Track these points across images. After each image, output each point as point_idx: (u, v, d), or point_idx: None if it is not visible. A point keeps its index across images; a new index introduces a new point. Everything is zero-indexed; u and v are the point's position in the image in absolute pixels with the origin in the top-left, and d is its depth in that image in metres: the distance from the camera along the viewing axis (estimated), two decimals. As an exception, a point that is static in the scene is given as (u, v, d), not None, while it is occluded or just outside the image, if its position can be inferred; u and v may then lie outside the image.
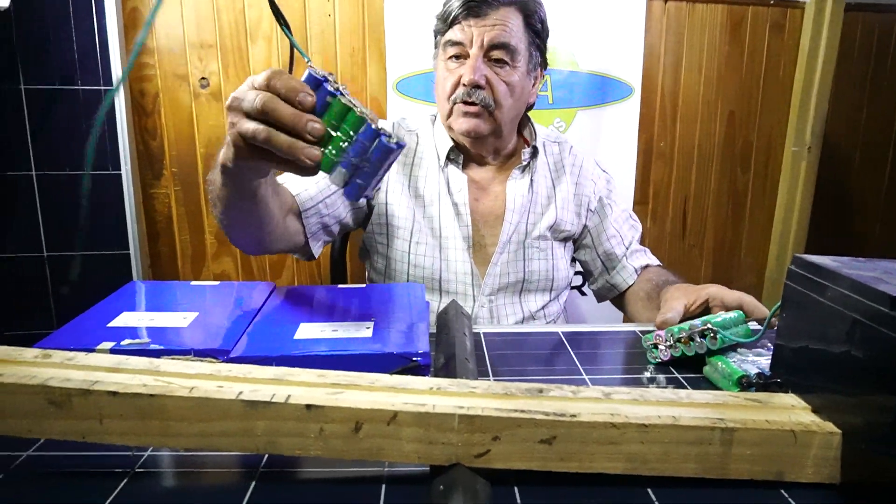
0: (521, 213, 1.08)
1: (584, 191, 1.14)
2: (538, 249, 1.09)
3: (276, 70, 0.58)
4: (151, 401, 0.45)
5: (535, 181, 1.10)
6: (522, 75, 1.03)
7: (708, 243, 1.98)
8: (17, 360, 0.50)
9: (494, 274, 1.07)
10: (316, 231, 0.99)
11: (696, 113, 1.87)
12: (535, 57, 1.05)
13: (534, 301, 1.09)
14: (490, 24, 0.99)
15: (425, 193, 1.08)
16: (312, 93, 0.57)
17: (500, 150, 1.11)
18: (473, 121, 1.02)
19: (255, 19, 1.61)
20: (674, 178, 1.92)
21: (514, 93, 1.03)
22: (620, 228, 1.14)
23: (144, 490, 0.48)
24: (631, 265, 1.12)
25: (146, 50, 1.58)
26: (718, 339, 0.70)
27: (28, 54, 1.42)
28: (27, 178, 1.46)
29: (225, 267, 1.72)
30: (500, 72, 1.01)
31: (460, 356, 0.65)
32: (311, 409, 0.45)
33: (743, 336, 0.73)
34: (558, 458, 0.46)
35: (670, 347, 0.73)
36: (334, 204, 1.00)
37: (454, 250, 1.06)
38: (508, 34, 0.99)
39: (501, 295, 1.08)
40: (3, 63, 1.41)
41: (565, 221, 1.11)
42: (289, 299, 0.78)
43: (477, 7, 0.99)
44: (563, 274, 1.12)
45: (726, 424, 0.46)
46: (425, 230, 1.07)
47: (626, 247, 1.13)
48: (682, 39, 1.82)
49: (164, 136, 1.63)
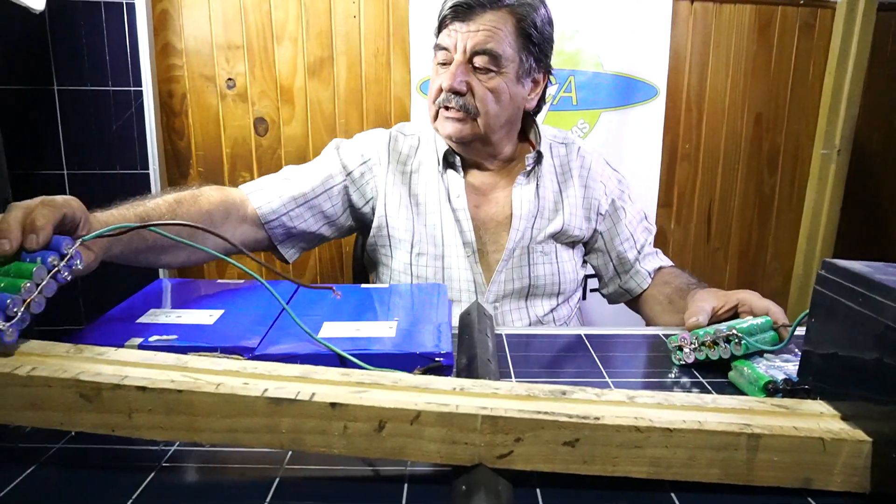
0: (528, 220, 1.06)
1: (593, 194, 1.11)
2: (542, 254, 1.07)
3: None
4: (179, 396, 0.46)
5: (541, 186, 1.08)
6: (511, 81, 1.00)
7: (733, 247, 1.95)
8: (50, 354, 0.51)
9: (499, 281, 1.05)
10: (283, 239, 1.04)
11: (722, 115, 1.85)
12: (526, 62, 1.01)
13: (540, 306, 1.08)
14: (475, 30, 0.97)
15: (425, 201, 1.07)
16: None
17: (496, 156, 1.09)
18: (456, 125, 1.00)
19: (281, 21, 1.63)
20: (699, 181, 1.89)
21: (500, 99, 1.00)
22: (634, 231, 1.12)
23: (171, 483, 0.49)
24: (644, 269, 1.11)
25: (175, 52, 1.61)
26: (743, 344, 0.69)
27: (61, 56, 1.45)
28: (58, 177, 1.49)
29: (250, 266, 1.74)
30: (482, 78, 0.98)
31: (482, 357, 0.65)
32: (335, 407, 0.45)
33: (769, 343, 0.72)
34: (581, 460, 0.46)
35: (695, 350, 0.73)
36: (300, 217, 1.03)
37: (456, 258, 1.05)
38: (494, 40, 0.97)
39: (507, 301, 1.06)
40: (37, 65, 1.44)
41: (573, 227, 1.08)
42: (313, 298, 0.79)
43: (464, 12, 0.97)
44: (570, 277, 1.09)
45: (753, 430, 0.45)
46: (426, 240, 1.06)
47: (638, 250, 1.12)
48: (709, 40, 1.79)
49: (191, 136, 1.66)
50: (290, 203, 1.01)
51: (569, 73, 1.69)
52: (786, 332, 0.74)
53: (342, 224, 1.09)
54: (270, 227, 1.00)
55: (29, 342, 0.53)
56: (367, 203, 1.08)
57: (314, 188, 1.04)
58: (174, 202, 0.83)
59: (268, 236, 1.01)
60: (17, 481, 0.48)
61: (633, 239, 1.12)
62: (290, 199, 1.01)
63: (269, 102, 1.66)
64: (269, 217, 1.00)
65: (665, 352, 0.78)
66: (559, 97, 1.70)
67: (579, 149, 1.14)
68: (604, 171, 1.14)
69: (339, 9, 1.64)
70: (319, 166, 1.07)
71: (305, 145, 1.69)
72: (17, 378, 0.46)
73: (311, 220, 1.04)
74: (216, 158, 1.68)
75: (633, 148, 1.74)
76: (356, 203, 1.08)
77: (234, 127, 1.67)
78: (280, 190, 1.01)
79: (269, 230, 1.01)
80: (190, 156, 1.67)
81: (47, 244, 0.55)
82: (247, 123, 1.67)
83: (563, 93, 1.70)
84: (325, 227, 1.07)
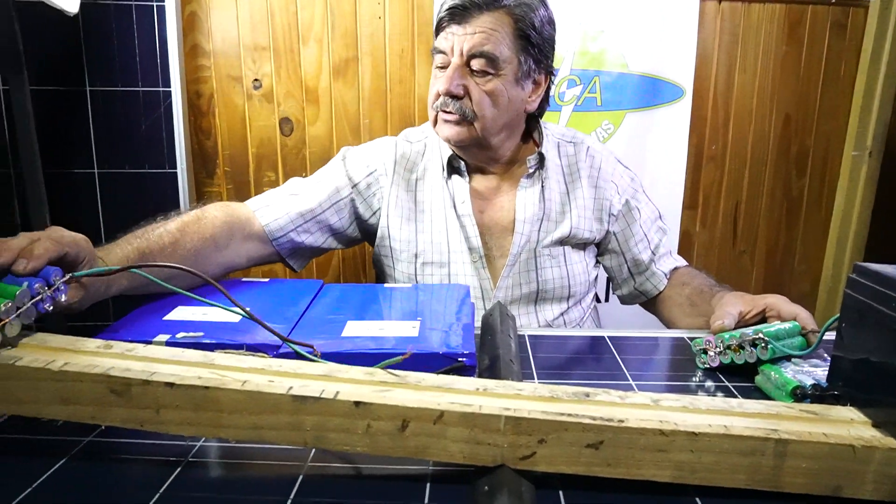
0: (532, 224, 1.05)
1: (604, 195, 1.08)
2: (550, 258, 1.05)
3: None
4: (206, 393, 0.47)
5: (546, 188, 1.06)
6: (510, 83, 0.99)
7: (760, 249, 1.92)
8: (81, 350, 0.52)
9: (506, 286, 1.04)
10: (291, 253, 1.05)
11: (749, 116, 1.82)
12: (525, 64, 0.99)
13: (550, 310, 1.06)
14: (471, 32, 0.95)
15: (430, 209, 1.06)
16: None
17: (497, 159, 1.07)
18: (454, 128, 0.99)
19: (308, 22, 1.64)
20: (725, 183, 1.87)
21: (498, 102, 0.98)
22: (648, 232, 1.10)
23: (197, 478, 0.49)
24: (660, 270, 1.09)
25: (203, 52, 1.63)
26: (770, 349, 0.68)
27: (93, 57, 1.48)
28: (89, 176, 1.52)
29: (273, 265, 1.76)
30: (480, 81, 0.97)
31: (505, 358, 0.65)
32: (359, 405, 0.46)
33: (796, 348, 0.70)
34: (605, 463, 0.45)
35: (720, 354, 0.72)
36: (307, 232, 1.03)
37: (462, 265, 1.04)
38: (490, 42, 0.95)
39: (515, 306, 1.05)
40: (71, 66, 1.47)
41: (583, 229, 1.06)
42: (336, 297, 0.80)
43: (460, 14, 0.96)
44: (580, 280, 1.07)
45: (780, 436, 0.44)
46: (430, 249, 1.05)
47: (652, 251, 1.10)
48: (737, 40, 1.77)
49: (218, 136, 1.68)
50: (297, 219, 1.01)
51: (594, 74, 1.68)
52: (814, 338, 0.73)
53: (349, 236, 1.09)
54: (278, 242, 1.01)
55: (59, 337, 0.54)
56: (373, 214, 1.08)
57: (321, 203, 1.04)
58: (177, 232, 0.83)
59: (276, 251, 1.02)
60: (49, 472, 0.49)
61: (647, 240, 1.10)
62: (297, 216, 1.01)
63: (294, 103, 1.68)
64: (277, 234, 1.00)
65: (689, 355, 0.77)
66: (583, 98, 1.69)
67: (588, 148, 1.11)
68: (615, 171, 1.11)
69: (365, 10, 1.65)
70: (326, 179, 1.07)
71: (330, 145, 1.70)
72: (50, 373, 0.48)
73: (318, 235, 1.05)
74: (242, 158, 1.70)
75: (658, 149, 1.73)
76: (363, 215, 1.08)
77: (260, 127, 1.69)
78: (287, 206, 1.01)
79: (277, 246, 1.01)
80: (216, 155, 1.69)
81: (35, 272, 0.56)
82: (272, 123, 1.68)
83: (587, 93, 1.69)
84: (332, 240, 1.08)
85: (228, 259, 0.93)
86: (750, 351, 0.69)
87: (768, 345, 0.68)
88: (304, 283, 0.85)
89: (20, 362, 0.48)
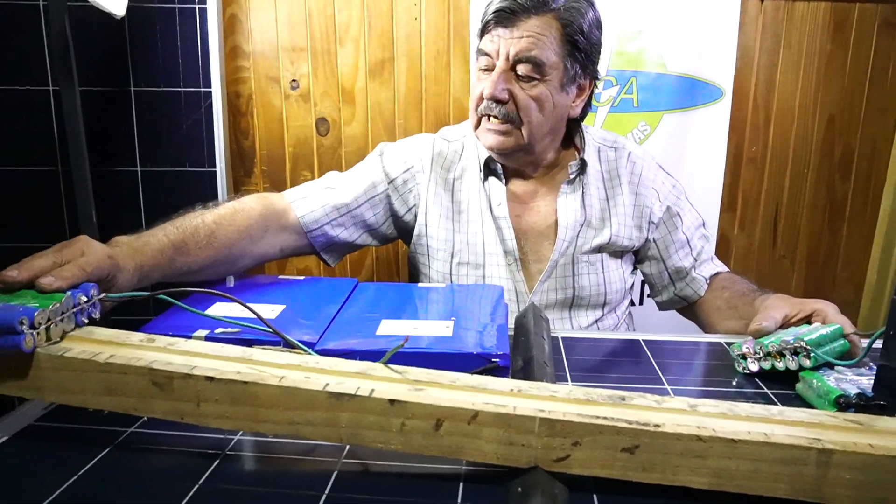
0: (573, 230, 1.03)
1: (644, 202, 1.06)
2: (588, 264, 1.03)
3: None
4: (245, 387, 0.48)
5: (587, 195, 1.05)
6: (555, 89, 0.97)
7: (801, 254, 1.87)
8: (125, 343, 0.54)
9: (542, 291, 1.03)
10: (325, 247, 1.05)
11: (791, 117, 1.78)
12: (571, 69, 0.98)
13: (584, 317, 1.05)
14: (518, 36, 0.93)
15: (467, 209, 1.06)
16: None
17: (537, 164, 1.06)
18: (499, 137, 0.98)
19: (345, 23, 1.66)
20: (765, 186, 1.83)
21: (544, 107, 0.97)
22: (691, 238, 1.08)
23: (234, 471, 0.50)
24: (701, 276, 1.07)
25: (242, 54, 1.66)
26: (812, 357, 0.66)
27: (138, 58, 1.52)
28: (132, 174, 1.56)
29: (308, 263, 1.78)
30: (525, 86, 0.95)
31: (538, 359, 0.64)
32: (394, 403, 0.46)
33: (839, 355, 0.68)
34: (640, 467, 0.45)
35: (760, 360, 0.70)
36: (342, 226, 1.04)
37: (496, 267, 1.04)
38: (538, 47, 0.93)
39: (549, 311, 1.04)
40: (116, 67, 1.52)
41: (622, 237, 1.05)
42: (371, 295, 0.80)
43: (507, 17, 0.94)
44: (616, 287, 1.06)
45: (823, 445, 0.43)
46: (466, 249, 1.05)
47: (694, 258, 1.08)
48: (780, 40, 1.73)
49: (256, 136, 1.71)
50: (332, 213, 1.02)
51: (631, 75, 1.66)
52: (857, 339, 0.70)
53: (384, 232, 1.09)
54: (312, 235, 1.02)
55: (104, 330, 0.56)
56: (408, 211, 1.08)
57: (356, 198, 1.04)
58: (213, 224, 0.85)
59: (310, 243, 1.03)
60: (93, 461, 0.50)
61: (689, 246, 1.08)
62: (332, 209, 1.02)
63: (330, 103, 1.70)
64: (312, 226, 1.01)
65: (726, 360, 0.76)
66: (620, 99, 1.68)
67: (630, 154, 1.09)
68: (656, 177, 1.09)
69: (401, 11, 1.66)
70: (362, 174, 1.07)
71: (365, 145, 1.71)
72: (97, 364, 0.49)
73: (352, 230, 1.05)
74: (279, 157, 1.73)
75: (695, 151, 1.70)
76: (398, 211, 1.08)
77: (297, 127, 1.71)
78: (323, 199, 1.02)
79: (311, 238, 1.02)
80: (254, 154, 1.72)
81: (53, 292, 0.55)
82: (309, 123, 1.71)
83: (624, 94, 1.67)
84: (367, 236, 1.08)
85: (262, 250, 0.94)
86: (791, 359, 0.67)
87: (811, 353, 0.66)
88: (339, 281, 0.86)
89: (68, 353, 0.50)
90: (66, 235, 1.56)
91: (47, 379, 0.50)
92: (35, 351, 0.50)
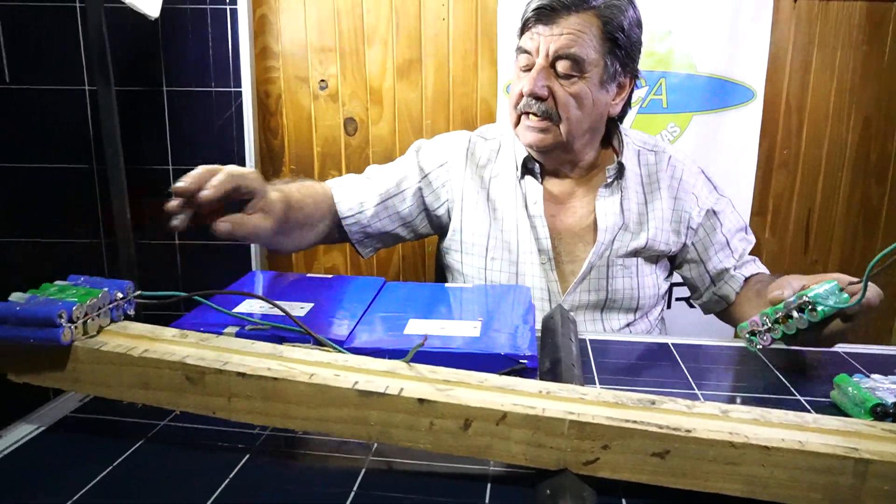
0: (612, 233, 1.02)
1: (683, 206, 1.05)
2: (623, 268, 1.02)
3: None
4: (275, 384, 0.48)
5: (625, 199, 1.04)
6: (595, 86, 0.97)
7: (833, 259, 1.84)
8: (159, 338, 0.55)
9: (575, 292, 1.03)
10: (360, 238, 1.07)
11: (825, 119, 1.74)
12: (611, 66, 0.98)
13: (616, 320, 1.04)
14: (558, 34, 0.94)
15: (502, 206, 1.05)
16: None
17: (576, 163, 1.06)
18: (538, 135, 0.98)
19: (373, 24, 1.67)
20: (797, 189, 1.79)
21: (583, 104, 0.97)
22: (731, 240, 1.07)
23: (264, 466, 0.51)
24: (740, 274, 1.05)
25: (272, 54, 1.68)
26: (819, 311, 0.65)
27: (170, 59, 1.55)
28: (164, 172, 1.59)
29: (335, 261, 1.80)
30: (565, 83, 0.96)
31: (566, 361, 0.64)
32: (422, 403, 0.46)
33: (844, 302, 0.67)
34: (671, 473, 0.44)
35: (769, 331, 0.69)
36: (376, 216, 1.05)
37: (530, 265, 1.03)
38: (577, 44, 0.94)
39: (581, 313, 1.03)
40: (150, 67, 1.55)
41: (659, 241, 1.04)
42: (398, 294, 0.81)
43: (547, 15, 0.94)
44: (649, 293, 1.05)
45: (861, 455, 0.42)
46: (500, 245, 1.04)
47: (736, 259, 1.06)
48: (814, 40, 1.70)
49: (285, 135, 1.73)
50: (366, 202, 1.04)
51: (660, 75, 1.64)
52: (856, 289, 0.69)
53: (417, 226, 1.10)
54: (347, 223, 1.03)
55: (139, 325, 0.57)
56: (441, 206, 1.09)
57: (388, 189, 1.06)
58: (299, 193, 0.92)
59: (345, 231, 1.04)
60: (127, 453, 0.51)
61: (729, 248, 1.06)
62: (366, 199, 1.04)
63: (358, 103, 1.71)
64: (346, 214, 1.03)
65: (758, 364, 0.74)
66: (649, 100, 1.66)
67: (670, 158, 1.09)
68: (696, 182, 1.08)
69: (429, 11, 1.66)
70: (397, 167, 1.09)
71: (392, 145, 1.72)
72: (132, 358, 0.50)
73: (386, 221, 1.06)
74: (307, 157, 1.74)
75: (725, 153, 1.67)
76: (430, 205, 1.09)
77: (325, 126, 1.73)
78: (359, 188, 1.04)
79: (346, 227, 1.04)
80: (283, 154, 1.74)
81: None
82: (337, 123, 1.72)
83: (652, 95, 1.66)
84: (401, 229, 1.09)
85: (318, 231, 0.99)
86: (798, 317, 0.66)
87: (817, 306, 0.65)
88: (367, 280, 0.86)
89: (105, 347, 0.51)
90: (99, 232, 1.59)
91: (84, 372, 0.51)
92: (73, 344, 0.51)
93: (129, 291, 0.59)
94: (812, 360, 0.78)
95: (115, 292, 0.57)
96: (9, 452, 0.51)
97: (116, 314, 0.57)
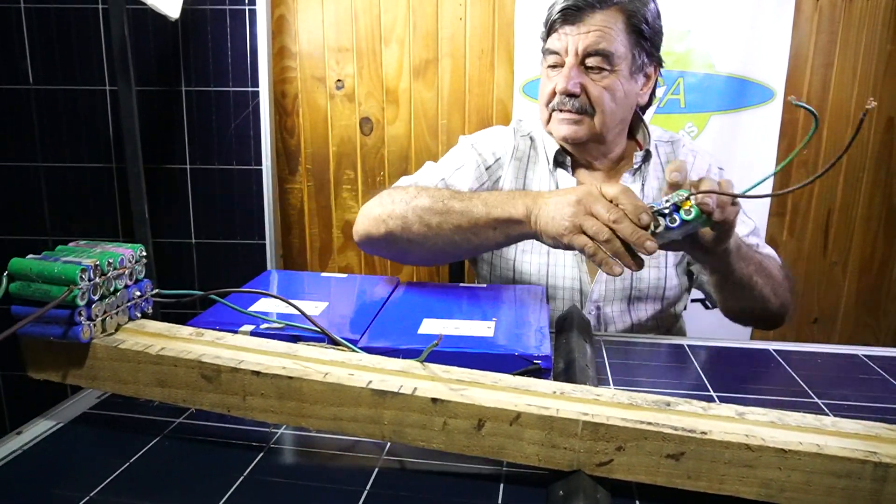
0: None
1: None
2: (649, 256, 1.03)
3: (625, 188, 0.71)
4: (290, 382, 0.49)
5: (647, 186, 1.06)
6: (625, 78, 1.00)
7: (853, 261, 1.81)
8: (175, 336, 0.55)
9: (602, 280, 1.04)
10: None
11: (847, 119, 1.72)
12: (639, 58, 1.01)
13: (643, 310, 1.05)
14: (585, 31, 0.96)
15: None
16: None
17: (607, 154, 1.07)
18: (571, 127, 1.00)
19: (390, 24, 1.67)
20: (816, 190, 1.77)
21: (615, 96, 0.99)
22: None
23: (278, 463, 0.51)
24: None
25: (290, 54, 1.69)
26: (692, 210, 0.68)
27: (190, 59, 1.56)
28: (182, 171, 1.61)
29: (349, 261, 1.80)
30: (596, 77, 0.98)
31: (580, 362, 0.64)
32: (436, 402, 0.46)
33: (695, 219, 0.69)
34: (685, 475, 0.44)
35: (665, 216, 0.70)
36: None
37: (562, 255, 1.04)
38: (605, 40, 0.96)
39: (609, 303, 1.05)
40: (170, 67, 1.56)
41: None
42: (412, 294, 0.81)
43: (573, 15, 0.97)
44: (674, 282, 1.06)
45: (880, 459, 0.42)
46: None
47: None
48: (836, 39, 1.67)
49: (302, 135, 1.74)
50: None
51: (678, 75, 1.63)
52: (699, 199, 0.69)
53: None
54: None
55: (156, 323, 0.57)
56: None
57: (471, 188, 1.05)
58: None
59: None
60: (144, 449, 0.52)
61: None
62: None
63: (374, 103, 1.71)
64: None
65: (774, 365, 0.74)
66: (666, 99, 1.65)
67: (684, 145, 1.11)
68: (708, 172, 1.09)
69: (446, 11, 1.66)
70: (467, 167, 1.07)
71: (408, 145, 1.73)
72: (149, 356, 0.51)
73: None
74: (323, 156, 1.75)
75: (744, 153, 1.66)
76: None
77: (341, 126, 1.73)
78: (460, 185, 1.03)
79: None
80: (299, 153, 1.75)
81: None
82: (353, 123, 1.73)
83: (670, 95, 1.64)
84: None
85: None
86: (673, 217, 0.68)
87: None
88: (381, 280, 0.87)
89: (123, 345, 0.52)
90: (118, 231, 1.61)
91: (103, 369, 0.52)
92: (92, 342, 0.52)
93: (147, 290, 0.60)
94: (831, 363, 0.77)
95: (133, 291, 0.58)
96: (29, 448, 0.52)
97: (134, 312, 0.58)
